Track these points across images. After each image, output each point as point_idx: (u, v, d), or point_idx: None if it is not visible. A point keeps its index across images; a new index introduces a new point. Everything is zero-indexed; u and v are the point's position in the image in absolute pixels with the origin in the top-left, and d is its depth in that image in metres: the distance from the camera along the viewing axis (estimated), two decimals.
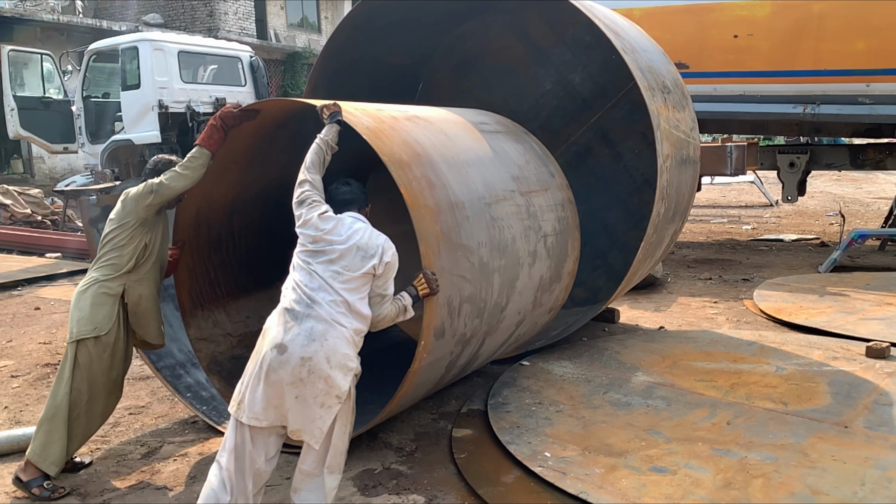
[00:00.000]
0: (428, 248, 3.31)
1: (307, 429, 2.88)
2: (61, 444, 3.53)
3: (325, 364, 2.83)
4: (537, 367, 4.94)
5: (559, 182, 4.71)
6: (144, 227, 3.67)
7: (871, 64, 8.33)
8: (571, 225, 4.68)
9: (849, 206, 14.20)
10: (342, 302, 2.93)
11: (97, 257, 3.71)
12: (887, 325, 5.77)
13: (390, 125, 3.70)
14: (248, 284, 4.66)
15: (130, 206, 3.65)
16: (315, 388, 2.83)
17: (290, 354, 2.82)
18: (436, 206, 3.46)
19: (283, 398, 2.84)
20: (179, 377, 4.57)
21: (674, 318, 6.50)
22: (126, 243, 3.63)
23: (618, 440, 3.79)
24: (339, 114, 3.41)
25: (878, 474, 3.34)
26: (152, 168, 3.82)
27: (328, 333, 2.86)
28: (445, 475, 3.64)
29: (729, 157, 8.68)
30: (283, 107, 4.09)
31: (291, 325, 2.86)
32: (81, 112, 12.91)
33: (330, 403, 2.86)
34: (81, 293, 3.64)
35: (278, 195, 4.61)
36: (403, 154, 3.51)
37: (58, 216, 12.61)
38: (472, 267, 3.61)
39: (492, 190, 3.97)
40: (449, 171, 3.72)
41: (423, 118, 4.06)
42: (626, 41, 5.00)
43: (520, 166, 4.38)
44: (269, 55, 22.17)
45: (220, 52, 13.55)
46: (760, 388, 4.47)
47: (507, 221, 3.96)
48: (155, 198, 3.63)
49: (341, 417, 2.94)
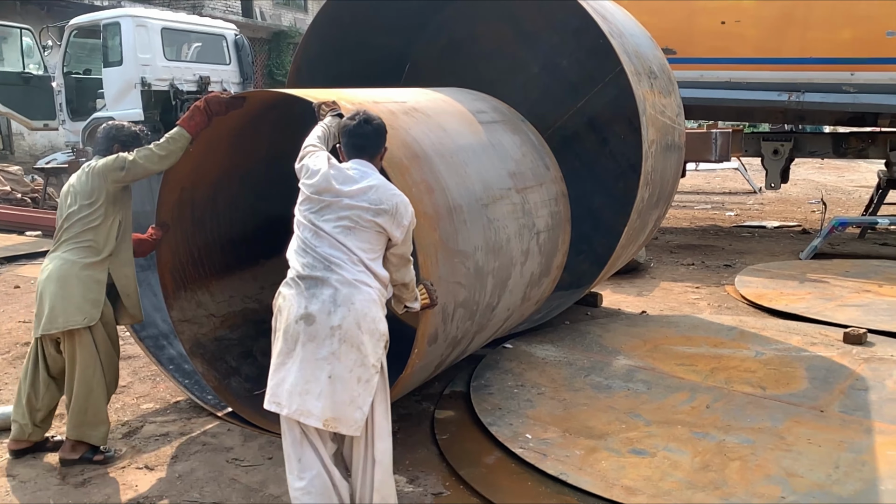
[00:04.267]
0: (427, 258, 3.24)
1: (344, 415, 2.56)
2: (106, 418, 3.66)
3: (356, 330, 2.58)
4: (520, 349, 4.97)
5: (553, 175, 4.69)
6: (115, 205, 3.56)
7: (856, 52, 8.39)
8: (563, 219, 4.68)
9: (830, 194, 14.34)
10: (358, 260, 2.66)
11: (63, 232, 3.54)
12: (865, 312, 5.86)
13: (389, 123, 3.59)
14: (233, 264, 4.63)
15: (97, 181, 3.51)
16: (348, 359, 2.56)
17: (318, 325, 2.56)
18: (435, 213, 3.40)
19: (313, 380, 2.55)
20: (162, 348, 4.54)
21: (656, 302, 6.55)
22: (100, 223, 3.52)
23: (598, 423, 3.83)
24: (338, 110, 3.22)
25: (852, 457, 3.41)
26: (105, 136, 3.70)
27: (354, 296, 2.60)
28: (427, 456, 3.67)
29: (714, 144, 8.71)
30: (273, 96, 4.04)
31: (313, 292, 2.61)
32: (62, 88, 12.69)
33: (367, 377, 2.60)
34: (62, 278, 3.47)
35: (266, 174, 4.59)
36: (403, 157, 3.41)
37: (38, 194, 12.45)
38: (467, 272, 3.57)
39: (489, 189, 3.91)
40: (448, 172, 3.65)
41: (420, 110, 3.96)
42: (613, 25, 4.99)
43: (516, 160, 4.32)
44: (254, 34, 21.89)
45: (204, 30, 13.34)
46: (740, 372, 4.52)
47: (503, 222, 3.92)
48: (126, 175, 3.51)
49: (380, 392, 2.67)
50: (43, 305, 3.53)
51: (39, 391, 3.67)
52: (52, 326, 3.50)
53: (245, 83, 13.47)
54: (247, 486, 3.42)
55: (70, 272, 3.49)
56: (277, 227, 4.74)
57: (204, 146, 3.85)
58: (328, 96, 3.41)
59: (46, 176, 12.29)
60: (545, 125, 5.85)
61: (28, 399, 3.67)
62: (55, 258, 3.55)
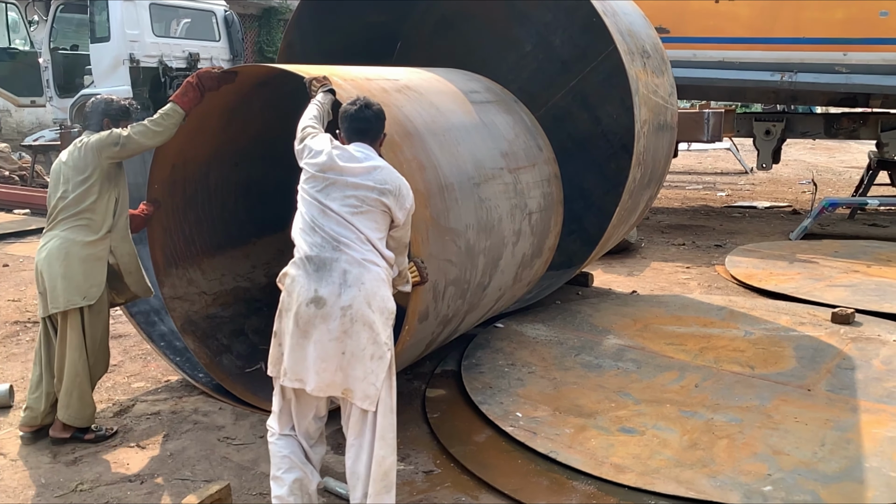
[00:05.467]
0: (417, 235, 3.23)
1: (359, 388, 2.62)
2: (92, 402, 3.66)
3: (367, 309, 2.60)
4: (511, 329, 4.99)
5: (546, 156, 4.67)
6: (110, 181, 3.53)
7: (849, 33, 8.37)
8: (556, 200, 4.67)
9: (821, 175, 14.39)
10: (366, 239, 2.67)
11: (59, 212, 3.50)
12: (853, 292, 5.91)
13: (381, 100, 3.56)
14: (224, 242, 4.62)
15: (90, 157, 3.47)
16: (360, 338, 2.60)
17: (329, 307, 2.58)
18: (426, 190, 3.40)
19: (330, 358, 2.60)
20: (153, 324, 4.53)
21: (646, 282, 6.58)
22: (96, 200, 3.49)
23: (588, 401, 3.86)
24: (329, 86, 3.20)
25: (838, 435, 3.45)
26: (94, 110, 3.65)
27: (363, 276, 2.62)
28: (418, 434, 3.69)
29: (706, 124, 8.70)
30: (265, 71, 3.99)
31: (322, 274, 2.61)
32: (49, 64, 12.51)
33: (381, 354, 2.63)
34: (63, 257, 3.44)
35: (259, 150, 4.56)
36: (395, 134, 3.39)
37: (26, 171, 12.32)
38: (458, 250, 3.58)
39: (481, 169, 3.90)
40: (440, 150, 3.64)
41: (413, 88, 3.93)
42: (606, 4, 4.95)
43: (509, 141, 4.31)
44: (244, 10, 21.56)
45: (193, 6, 13.14)
46: (728, 351, 4.56)
47: (494, 202, 3.91)
48: (121, 150, 3.47)
49: (387, 383, 2.70)
50: (44, 285, 3.50)
51: (54, 371, 3.62)
52: (55, 306, 3.47)
53: (235, 60, 13.31)
54: (238, 465, 3.44)
55: (71, 251, 3.46)
56: (269, 207, 4.72)
57: (195, 122, 3.81)
58: (320, 72, 3.39)
59: (34, 153, 12.15)
60: (537, 104, 5.82)
61: (45, 382, 3.62)
62: (54, 236, 3.51)
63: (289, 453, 2.80)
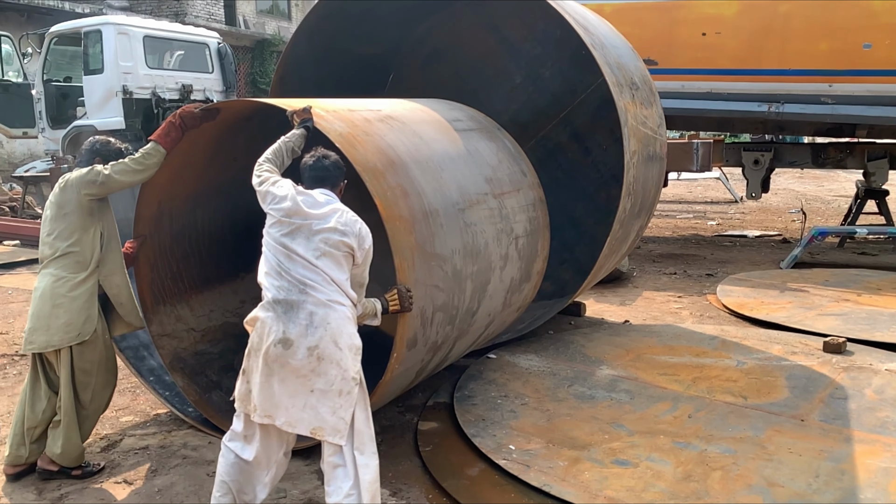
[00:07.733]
0: (403, 261, 3.25)
1: (330, 424, 2.75)
2: (79, 442, 3.61)
3: (334, 347, 2.74)
4: (504, 360, 4.97)
5: (531, 181, 4.71)
6: (92, 216, 3.51)
7: (834, 64, 8.51)
8: (542, 225, 4.70)
9: (810, 204, 14.51)
10: (331, 280, 2.80)
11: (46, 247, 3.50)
12: (844, 321, 5.92)
13: (364, 129, 3.63)
14: (212, 277, 4.59)
15: (70, 193, 3.47)
16: (329, 375, 2.74)
17: (296, 347, 2.72)
18: (410, 216, 3.42)
19: (297, 395, 2.74)
20: (143, 359, 4.48)
21: (639, 312, 6.58)
22: (79, 236, 3.47)
23: (581, 433, 3.83)
24: (310, 120, 3.31)
25: (832, 466, 3.43)
26: (89, 149, 3.67)
27: (329, 316, 2.76)
28: (410, 468, 3.65)
29: (695, 154, 8.78)
30: (248, 105, 4.02)
31: (290, 316, 2.75)
32: (42, 96, 12.56)
33: (349, 389, 2.76)
34: (50, 297, 3.43)
35: (246, 184, 4.54)
36: (378, 162, 3.43)
37: (16, 203, 12.28)
38: (445, 276, 3.59)
39: (466, 194, 3.93)
40: (423, 177, 3.67)
41: (396, 118, 3.99)
42: (595, 37, 5.02)
43: (493, 167, 4.35)
44: (237, 42, 21.84)
45: (187, 38, 13.28)
46: (721, 381, 4.55)
47: (480, 227, 3.94)
48: (100, 189, 3.47)
49: (360, 402, 2.83)
50: (36, 323, 3.48)
51: (37, 407, 3.57)
52: (30, 347, 3.47)
53: (228, 91, 13.41)
54: None
55: (60, 291, 3.44)
56: (257, 240, 4.70)
57: (181, 158, 3.82)
58: (302, 105, 3.44)
59: (25, 184, 12.13)
60: (528, 135, 5.88)
61: (26, 421, 3.58)
62: (45, 275, 3.51)
63: (229, 480, 2.96)
